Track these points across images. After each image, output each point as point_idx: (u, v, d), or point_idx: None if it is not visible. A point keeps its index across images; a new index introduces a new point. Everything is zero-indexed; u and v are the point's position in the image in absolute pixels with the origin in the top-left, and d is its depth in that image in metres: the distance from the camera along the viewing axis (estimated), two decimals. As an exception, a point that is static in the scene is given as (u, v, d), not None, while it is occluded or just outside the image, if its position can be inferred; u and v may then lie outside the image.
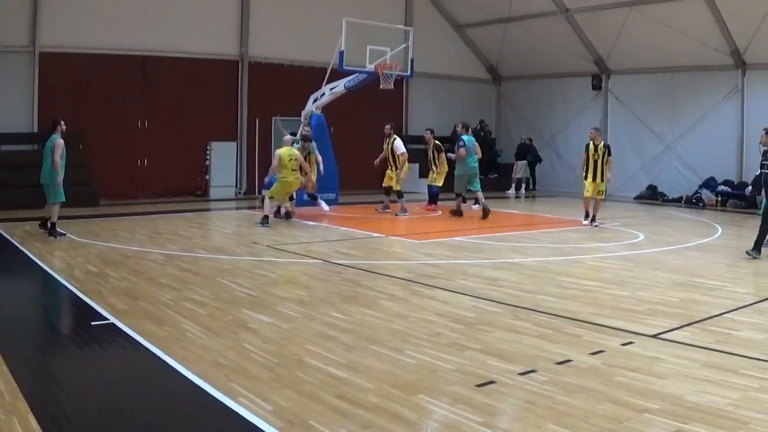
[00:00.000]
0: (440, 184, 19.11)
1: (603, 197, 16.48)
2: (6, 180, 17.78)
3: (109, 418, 4.93)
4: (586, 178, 16.20)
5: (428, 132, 19.52)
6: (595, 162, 16.00)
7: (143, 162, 21.22)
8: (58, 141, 12.98)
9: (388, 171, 18.36)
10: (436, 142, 19.22)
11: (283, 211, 16.49)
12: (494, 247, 13.05)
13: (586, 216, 16.30)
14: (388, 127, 18.63)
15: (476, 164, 17.95)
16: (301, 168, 15.91)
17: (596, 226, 15.97)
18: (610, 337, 6.94)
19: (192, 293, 8.74)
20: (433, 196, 19.36)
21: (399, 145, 18.24)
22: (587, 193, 16.18)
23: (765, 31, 20.00)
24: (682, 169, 23.47)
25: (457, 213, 17.74)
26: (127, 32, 20.50)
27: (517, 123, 28.43)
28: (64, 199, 13.20)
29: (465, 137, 17.94)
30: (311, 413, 4.92)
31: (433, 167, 18.98)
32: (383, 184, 18.61)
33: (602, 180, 16.06)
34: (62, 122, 13.34)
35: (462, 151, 17.65)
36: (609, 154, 16.11)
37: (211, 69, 22.35)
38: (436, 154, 18.91)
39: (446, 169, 18.89)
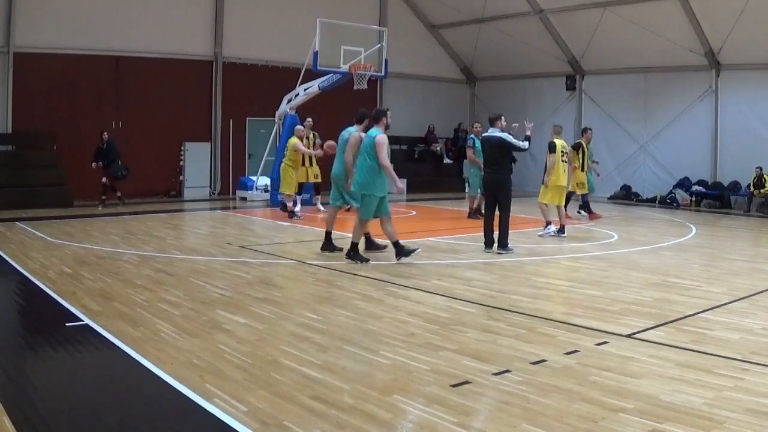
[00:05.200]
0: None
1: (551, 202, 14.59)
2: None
3: (83, 419, 4.89)
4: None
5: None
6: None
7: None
8: (380, 137, 10.82)
9: None
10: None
11: None
12: (468, 247, 13.06)
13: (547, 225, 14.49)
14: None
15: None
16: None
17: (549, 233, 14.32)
18: (585, 337, 6.96)
19: (166, 294, 8.69)
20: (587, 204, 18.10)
21: None
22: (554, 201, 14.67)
23: (739, 31, 20.21)
24: (656, 170, 23.69)
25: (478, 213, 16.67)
26: (101, 33, 20.42)
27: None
28: (370, 216, 11.12)
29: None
30: (286, 414, 4.90)
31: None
32: None
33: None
34: (388, 114, 11.16)
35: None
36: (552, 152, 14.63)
37: (185, 69, 22.30)
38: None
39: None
